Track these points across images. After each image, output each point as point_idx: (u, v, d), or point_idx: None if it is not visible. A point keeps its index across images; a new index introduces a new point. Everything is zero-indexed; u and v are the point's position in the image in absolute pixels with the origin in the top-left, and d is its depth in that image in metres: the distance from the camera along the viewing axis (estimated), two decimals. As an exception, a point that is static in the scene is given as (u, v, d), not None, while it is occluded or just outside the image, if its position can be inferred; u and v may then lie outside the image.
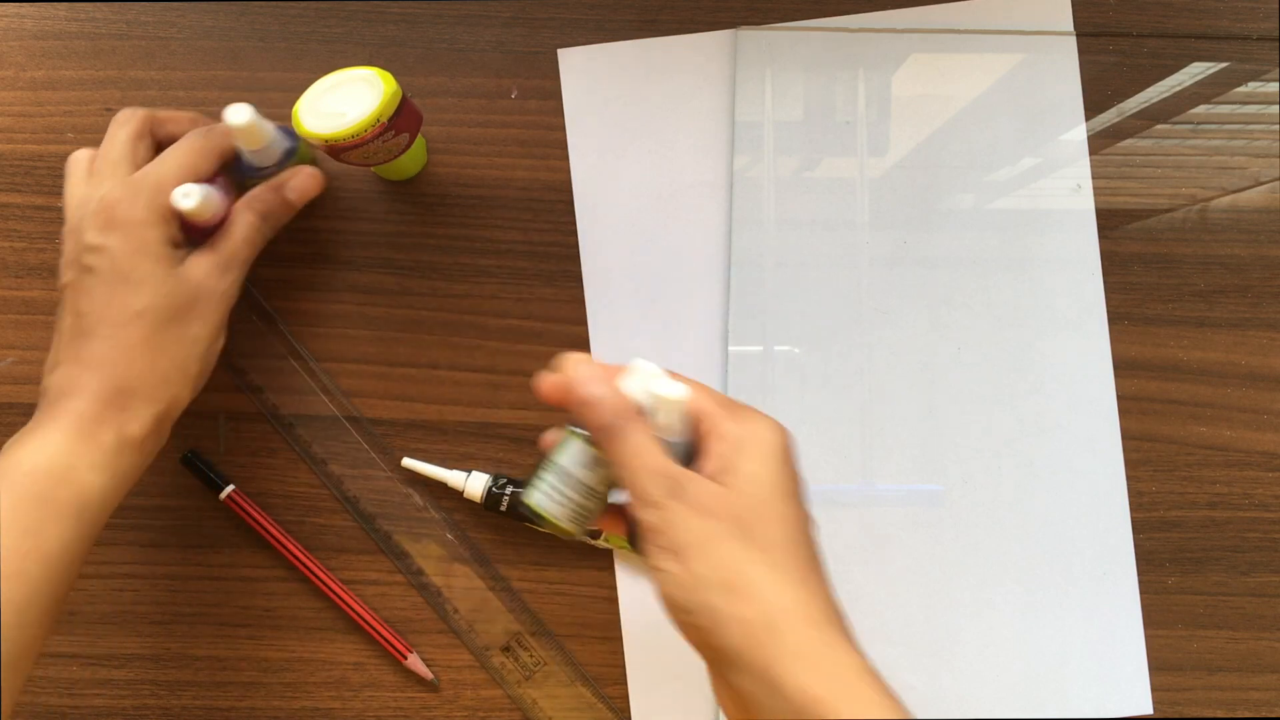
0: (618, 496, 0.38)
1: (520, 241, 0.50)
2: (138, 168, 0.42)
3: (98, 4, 0.50)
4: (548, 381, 0.38)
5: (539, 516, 0.38)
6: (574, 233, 0.50)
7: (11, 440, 0.39)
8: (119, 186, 0.41)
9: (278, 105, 0.50)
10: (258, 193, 0.45)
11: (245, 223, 0.44)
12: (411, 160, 0.48)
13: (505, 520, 0.49)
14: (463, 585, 0.50)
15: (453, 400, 0.50)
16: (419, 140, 0.47)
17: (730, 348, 0.50)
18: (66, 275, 0.41)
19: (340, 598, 0.49)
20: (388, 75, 0.41)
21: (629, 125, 0.50)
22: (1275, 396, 0.51)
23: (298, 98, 0.41)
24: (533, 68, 0.51)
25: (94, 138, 0.50)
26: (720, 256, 0.50)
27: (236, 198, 0.44)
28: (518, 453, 0.50)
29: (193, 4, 0.50)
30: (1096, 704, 0.49)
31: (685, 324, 0.50)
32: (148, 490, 0.49)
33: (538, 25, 0.51)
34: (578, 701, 0.49)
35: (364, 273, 0.50)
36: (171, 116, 0.45)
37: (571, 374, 0.37)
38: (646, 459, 0.35)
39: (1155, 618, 0.50)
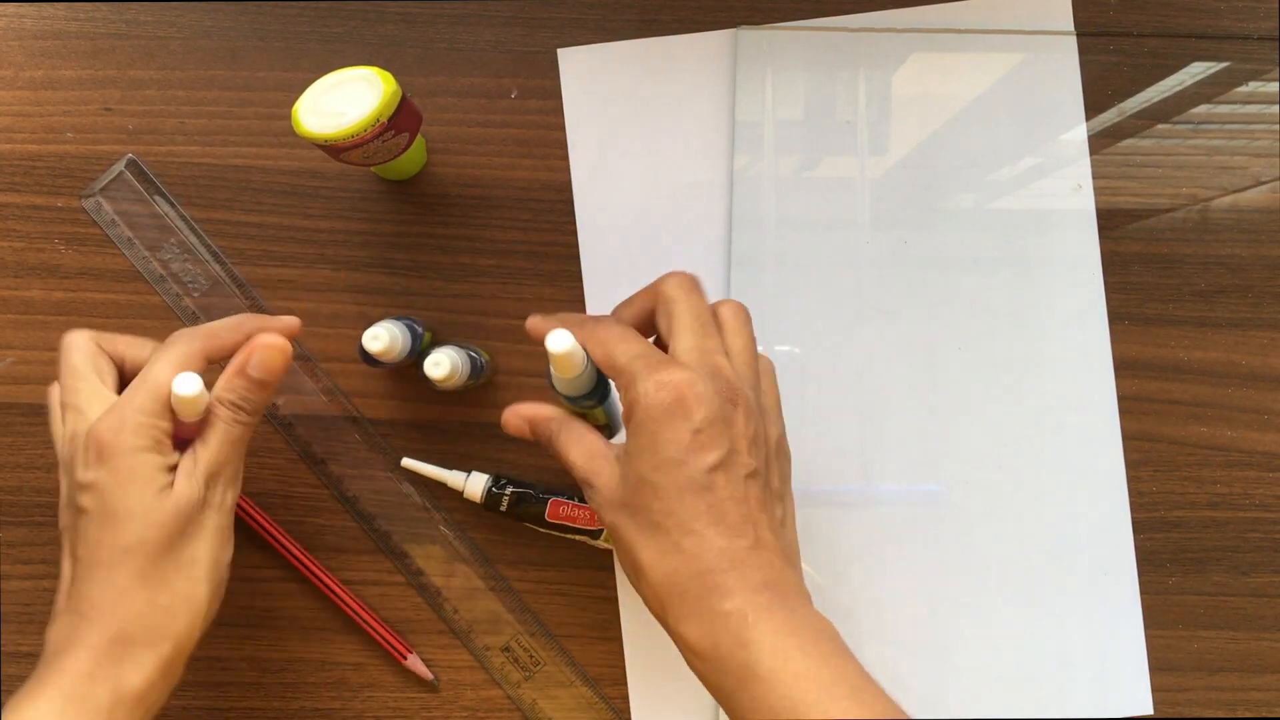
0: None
1: (520, 241, 0.50)
2: (107, 385, 0.39)
3: (97, 3, 0.50)
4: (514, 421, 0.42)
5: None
6: (574, 233, 0.50)
7: (9, 704, 0.36)
8: (105, 415, 0.37)
9: (278, 105, 0.50)
10: (224, 382, 0.39)
11: (222, 420, 0.39)
12: (411, 160, 0.48)
13: (505, 520, 0.49)
14: (463, 585, 0.50)
15: (453, 400, 0.50)
16: (419, 140, 0.47)
17: (730, 348, 0.50)
18: (64, 519, 0.39)
19: (340, 598, 0.49)
20: (387, 75, 0.41)
21: (629, 125, 0.50)
22: (1276, 397, 0.51)
23: (297, 98, 0.41)
24: (533, 67, 0.51)
25: (93, 137, 0.50)
26: (720, 256, 0.50)
27: None
28: (518, 452, 0.50)
29: (192, 3, 0.50)
30: (1097, 704, 0.49)
31: (685, 324, 0.50)
32: (147, 490, 0.49)
33: (538, 25, 0.51)
34: (578, 701, 0.49)
35: (364, 273, 0.50)
36: (116, 336, 0.41)
37: (508, 415, 0.42)
38: (571, 463, 0.39)
39: (1156, 618, 0.50)
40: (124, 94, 0.50)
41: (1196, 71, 0.51)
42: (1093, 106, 0.51)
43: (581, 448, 0.39)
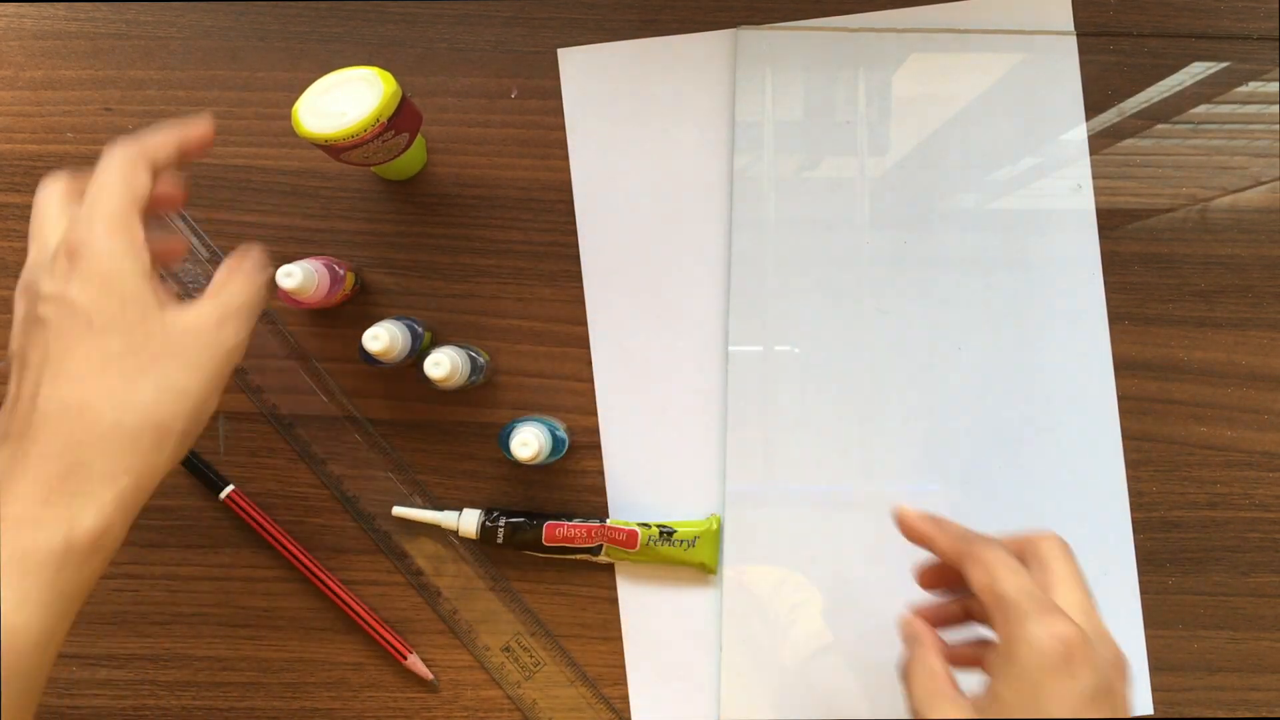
0: None
1: (520, 241, 0.50)
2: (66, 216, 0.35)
3: (97, 4, 0.50)
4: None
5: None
6: (574, 233, 0.50)
7: None
8: (71, 225, 0.33)
9: (278, 105, 0.50)
10: (258, 251, 0.39)
11: (256, 278, 0.38)
12: (411, 160, 0.48)
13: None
14: (463, 585, 0.50)
15: (453, 400, 0.50)
16: (419, 140, 0.47)
17: (730, 348, 0.50)
18: (15, 342, 0.33)
19: (340, 598, 0.49)
20: (387, 75, 0.41)
21: (629, 125, 0.50)
22: (1275, 397, 0.51)
23: (298, 98, 0.41)
24: (533, 68, 0.51)
25: (93, 137, 0.50)
26: (720, 256, 0.50)
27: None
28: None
29: (192, 4, 0.50)
30: (1097, 704, 0.49)
31: (685, 324, 0.50)
32: (147, 490, 0.49)
33: (538, 25, 0.51)
34: (578, 701, 0.49)
35: (364, 273, 0.50)
36: (78, 174, 0.37)
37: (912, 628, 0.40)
38: (909, 691, 0.37)
39: (1155, 618, 0.50)
40: (124, 94, 0.50)
41: (1196, 71, 0.51)
42: (1093, 106, 0.51)
43: (924, 680, 0.37)
